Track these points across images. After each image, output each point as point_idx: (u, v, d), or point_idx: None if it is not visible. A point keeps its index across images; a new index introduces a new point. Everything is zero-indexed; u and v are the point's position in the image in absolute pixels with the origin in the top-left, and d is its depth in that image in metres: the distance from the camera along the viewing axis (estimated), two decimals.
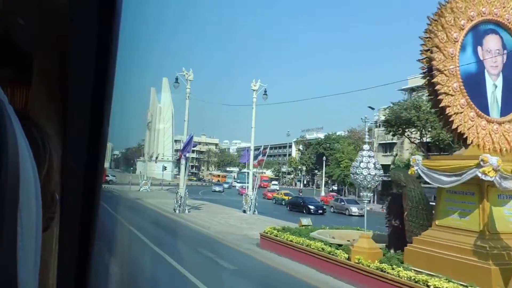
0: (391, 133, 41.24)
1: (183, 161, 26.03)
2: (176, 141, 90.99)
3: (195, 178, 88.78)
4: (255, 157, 27.99)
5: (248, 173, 70.85)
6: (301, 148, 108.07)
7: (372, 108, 45.68)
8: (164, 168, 60.12)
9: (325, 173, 63.53)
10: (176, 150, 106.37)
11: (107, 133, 0.81)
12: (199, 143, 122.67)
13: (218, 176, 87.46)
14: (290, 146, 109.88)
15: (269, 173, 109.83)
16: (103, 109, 0.79)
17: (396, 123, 39.14)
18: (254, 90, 27.90)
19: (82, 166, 0.80)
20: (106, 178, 55.95)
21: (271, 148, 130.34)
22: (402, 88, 52.46)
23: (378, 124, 47.69)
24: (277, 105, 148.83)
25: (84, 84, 0.79)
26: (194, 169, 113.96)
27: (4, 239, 0.34)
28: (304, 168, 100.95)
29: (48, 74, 0.86)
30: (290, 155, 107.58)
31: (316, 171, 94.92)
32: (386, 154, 48.79)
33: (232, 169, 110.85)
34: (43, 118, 0.81)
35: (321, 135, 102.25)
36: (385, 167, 49.35)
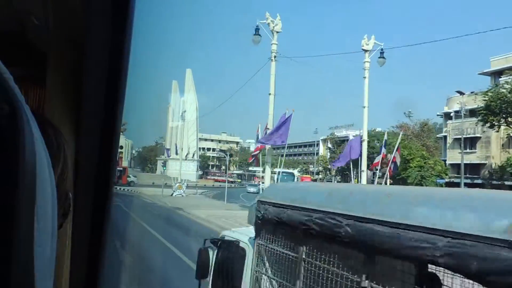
0: (487, 124, 31.44)
1: (268, 158, 16.67)
2: (201, 139, 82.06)
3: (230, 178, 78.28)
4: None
5: (292, 173, 56.78)
6: (330, 146, 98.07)
7: (462, 93, 36.10)
8: (199, 168, 50.74)
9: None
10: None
11: (119, 132, 0.83)
12: (219, 141, 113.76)
13: (263, 177, 75.01)
14: (317, 145, 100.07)
15: (295, 173, 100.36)
16: (116, 109, 0.80)
17: (502, 110, 29.32)
18: (366, 50, 18.41)
19: (95, 165, 0.81)
20: (128, 179, 46.80)
21: (295, 147, 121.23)
22: (483, 72, 42.68)
23: (462, 113, 37.94)
24: (303, 99, 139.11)
25: (98, 84, 0.80)
26: (214, 168, 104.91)
27: (21, 234, 0.35)
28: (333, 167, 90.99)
29: (62, 74, 0.87)
30: (317, 153, 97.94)
31: (348, 171, 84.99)
32: (466, 151, 38.95)
33: (254, 168, 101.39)
34: (57, 117, 0.81)
35: (352, 133, 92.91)
36: (472, 167, 39.92)
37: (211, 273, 3.79)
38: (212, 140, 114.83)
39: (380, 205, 2.14)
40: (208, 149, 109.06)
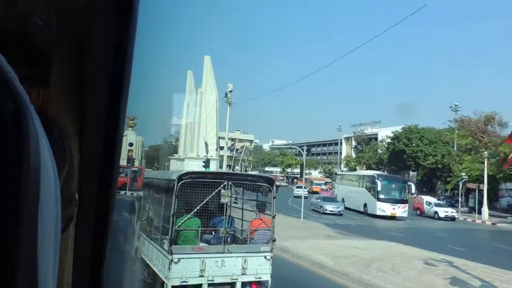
0: None
1: None
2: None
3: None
4: None
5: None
6: (355, 145, 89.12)
7: None
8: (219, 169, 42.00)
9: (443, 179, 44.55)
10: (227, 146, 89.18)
11: (123, 133, 0.87)
12: (232, 139, 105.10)
13: (318, 180, 61.31)
14: (340, 143, 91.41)
15: (316, 174, 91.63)
16: (119, 109, 0.82)
17: None
18: None
19: (98, 166, 0.84)
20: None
21: (313, 146, 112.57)
22: None
23: None
24: (325, 95, 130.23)
25: (101, 83, 0.82)
26: (228, 168, 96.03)
27: (25, 236, 0.35)
28: (359, 168, 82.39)
29: (65, 74, 0.89)
30: (337, 153, 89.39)
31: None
32: None
33: (271, 169, 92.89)
34: (60, 117, 0.83)
35: (377, 130, 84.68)
36: None
37: (137, 211, 9.64)
38: (224, 138, 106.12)
39: (159, 174, 11.25)
40: (221, 148, 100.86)
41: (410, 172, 64.85)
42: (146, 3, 0.79)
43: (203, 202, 6.78)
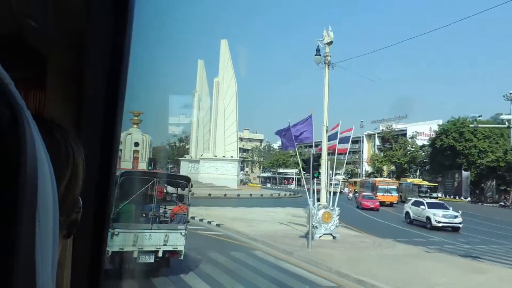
0: None
1: None
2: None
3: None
4: None
5: None
6: (381, 142, 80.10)
7: None
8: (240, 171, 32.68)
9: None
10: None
11: (120, 133, 0.88)
12: (241, 139, 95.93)
13: (387, 183, 43.17)
14: (357, 141, 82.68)
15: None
16: (116, 111, 0.84)
17: None
18: None
19: (96, 168, 0.84)
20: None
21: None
22: None
23: None
24: (340, 89, 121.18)
25: (99, 85, 0.84)
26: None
27: (23, 239, 0.36)
28: (386, 168, 73.11)
29: (62, 76, 0.91)
30: (358, 151, 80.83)
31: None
32: None
33: (285, 171, 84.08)
34: (57, 119, 0.82)
35: (404, 126, 76.18)
36: None
37: None
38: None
39: (132, 171, 15.85)
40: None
41: (463, 172, 55.66)
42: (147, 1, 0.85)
43: (138, 193, 9.83)
